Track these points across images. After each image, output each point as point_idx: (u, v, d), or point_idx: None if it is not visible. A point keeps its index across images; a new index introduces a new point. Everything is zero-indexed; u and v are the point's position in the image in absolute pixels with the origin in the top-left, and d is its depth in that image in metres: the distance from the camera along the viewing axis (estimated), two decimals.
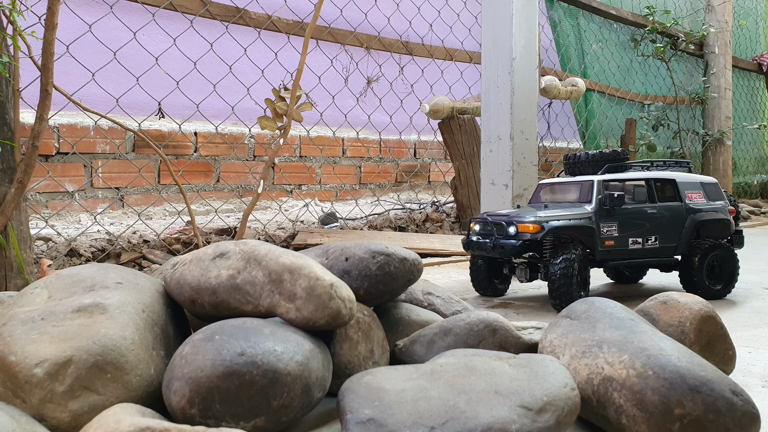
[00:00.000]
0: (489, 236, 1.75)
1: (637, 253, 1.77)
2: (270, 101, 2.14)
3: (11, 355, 0.78)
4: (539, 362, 0.86)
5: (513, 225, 1.67)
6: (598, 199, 1.73)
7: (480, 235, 1.79)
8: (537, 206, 1.84)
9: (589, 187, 1.76)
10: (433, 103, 3.47)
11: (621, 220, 1.73)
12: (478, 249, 1.78)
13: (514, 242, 1.66)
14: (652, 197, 1.80)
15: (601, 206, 1.72)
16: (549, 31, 4.47)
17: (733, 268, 1.84)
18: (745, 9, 6.54)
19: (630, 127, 4.73)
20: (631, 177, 1.81)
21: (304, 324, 0.89)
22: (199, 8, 2.84)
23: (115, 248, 2.45)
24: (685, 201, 1.84)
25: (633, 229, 1.75)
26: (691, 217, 1.82)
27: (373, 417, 0.74)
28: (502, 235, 1.70)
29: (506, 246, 1.67)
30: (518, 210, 1.82)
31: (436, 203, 4.06)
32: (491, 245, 1.71)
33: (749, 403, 0.78)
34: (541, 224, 1.64)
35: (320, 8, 2.18)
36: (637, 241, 1.76)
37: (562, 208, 1.73)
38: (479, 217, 1.82)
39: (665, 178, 1.85)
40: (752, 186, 6.61)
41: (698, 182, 1.90)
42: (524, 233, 1.65)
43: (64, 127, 2.99)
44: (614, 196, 1.71)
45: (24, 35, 1.51)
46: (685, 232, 1.81)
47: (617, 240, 1.73)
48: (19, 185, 1.51)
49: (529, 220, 1.65)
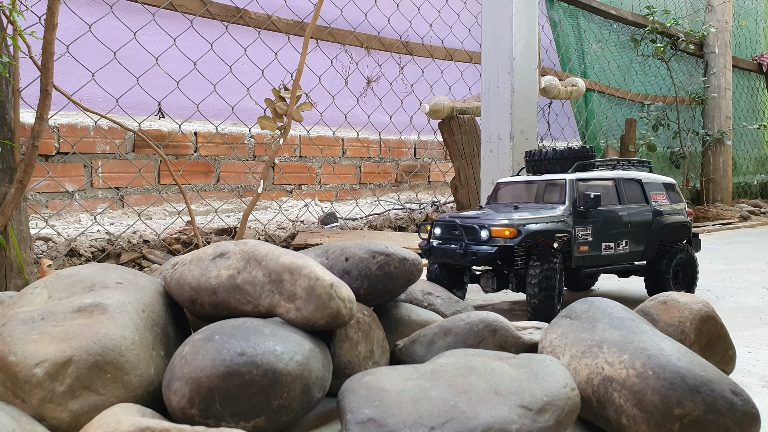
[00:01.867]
0: (455, 241, 1.53)
1: (610, 259, 1.63)
2: (270, 101, 2.14)
3: (11, 355, 0.78)
4: (539, 362, 0.86)
5: (486, 229, 1.47)
6: (572, 199, 1.57)
7: (443, 240, 1.58)
8: (504, 207, 1.67)
9: (561, 186, 1.60)
10: (433, 103, 3.47)
11: (595, 224, 1.58)
12: (442, 256, 1.56)
13: (487, 249, 1.45)
14: (621, 198, 1.67)
15: (574, 208, 1.56)
16: (549, 31, 4.47)
17: (694, 272, 1.77)
18: (745, 9, 6.54)
19: (630, 127, 4.73)
20: (602, 176, 1.67)
21: (304, 324, 0.89)
22: (199, 8, 2.84)
23: (115, 248, 2.45)
24: (651, 203, 1.73)
25: (606, 233, 1.61)
26: (657, 220, 1.71)
27: (373, 417, 0.74)
28: (473, 240, 1.49)
29: (479, 253, 1.46)
30: (485, 212, 1.61)
31: (436, 203, 4.06)
32: (461, 252, 1.49)
33: (749, 403, 0.78)
34: (517, 228, 1.45)
35: (320, 8, 2.18)
36: (610, 246, 1.62)
37: (533, 210, 1.56)
38: (441, 219, 1.60)
39: (632, 178, 1.73)
40: (752, 186, 6.61)
41: (661, 183, 1.80)
42: (498, 238, 1.45)
43: (64, 127, 2.99)
44: (591, 197, 1.54)
45: (24, 35, 1.51)
46: (653, 235, 1.70)
47: (591, 245, 1.58)
48: (19, 185, 1.51)
49: (503, 224, 1.46)
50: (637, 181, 1.74)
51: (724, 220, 4.65)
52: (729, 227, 4.32)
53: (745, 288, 2.00)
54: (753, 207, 5.33)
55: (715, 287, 2.03)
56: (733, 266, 2.48)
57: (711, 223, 4.53)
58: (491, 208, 1.71)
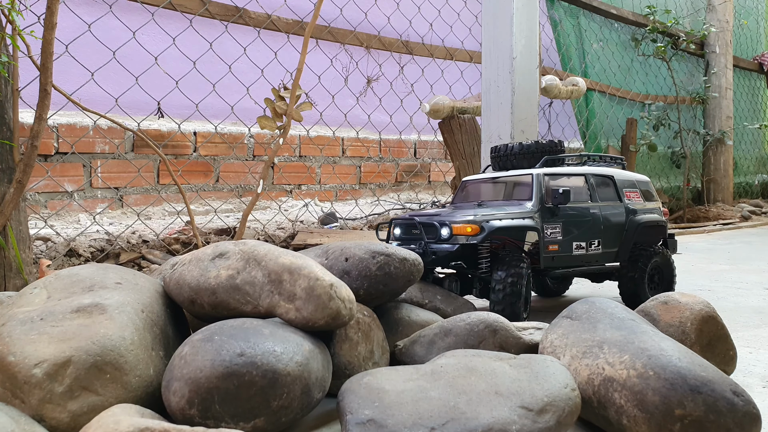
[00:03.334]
0: (415, 241, 1.44)
1: (581, 260, 1.54)
2: (270, 101, 2.14)
3: (10, 355, 0.78)
4: (540, 363, 0.86)
5: (446, 226, 1.37)
6: (540, 195, 1.47)
7: (402, 240, 1.48)
8: (468, 205, 1.58)
9: (529, 181, 1.51)
10: (434, 103, 3.46)
11: (565, 221, 1.49)
12: None
13: (448, 247, 1.37)
14: (592, 196, 1.58)
15: (542, 204, 1.47)
16: (549, 30, 4.46)
17: (671, 276, 1.69)
18: (745, 8, 6.53)
19: (631, 127, 4.73)
20: (572, 172, 1.58)
21: (303, 324, 0.89)
22: (198, 8, 2.83)
23: (114, 248, 2.45)
24: (624, 201, 1.64)
25: (576, 231, 1.52)
26: (631, 219, 1.62)
27: (373, 418, 0.73)
28: (433, 239, 1.40)
29: (438, 252, 1.37)
30: (447, 210, 1.53)
31: (437, 203, 4.06)
32: (420, 251, 1.40)
33: (750, 404, 0.78)
34: (479, 224, 1.36)
35: (320, 8, 2.18)
36: (581, 245, 1.52)
37: (498, 207, 1.47)
38: (401, 217, 1.51)
39: (605, 174, 1.64)
40: (753, 186, 6.61)
41: (634, 180, 1.72)
42: (460, 236, 1.36)
43: (64, 126, 2.98)
44: (560, 192, 1.45)
45: (23, 35, 1.50)
46: (626, 236, 1.61)
47: (561, 244, 1.48)
48: (18, 185, 1.51)
49: (465, 220, 1.37)
50: (609, 177, 1.65)
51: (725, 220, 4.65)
52: (730, 227, 4.32)
53: (746, 288, 2.00)
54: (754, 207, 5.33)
55: (716, 287, 2.03)
56: (734, 266, 2.48)
57: (712, 223, 4.52)
58: (455, 206, 1.62)
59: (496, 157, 1.70)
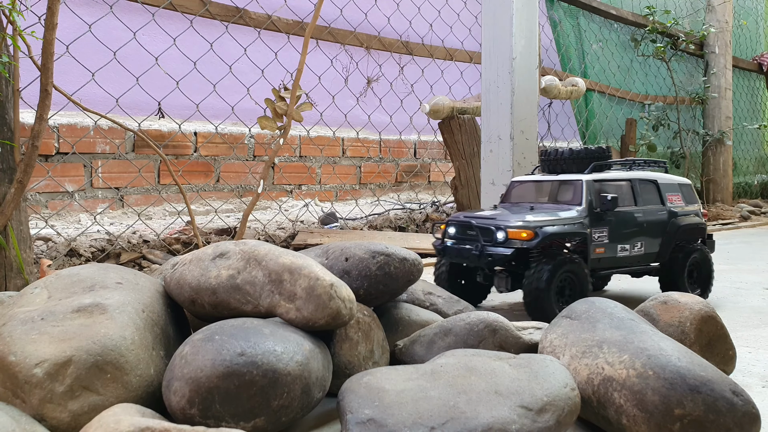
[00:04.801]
0: (469, 241, 1.52)
1: (625, 261, 1.62)
2: (270, 101, 2.14)
3: (11, 355, 0.78)
4: (539, 362, 0.86)
5: (502, 230, 1.46)
6: (589, 201, 1.55)
7: (456, 240, 1.57)
8: (520, 207, 1.65)
9: (578, 187, 1.58)
10: (433, 103, 3.47)
11: (611, 225, 1.57)
12: (457, 256, 1.56)
13: (504, 251, 1.44)
14: (636, 200, 1.66)
15: (591, 209, 1.55)
16: (549, 30, 4.47)
17: (709, 271, 1.76)
18: (745, 9, 6.53)
19: (630, 127, 4.73)
20: (618, 177, 1.66)
21: (304, 324, 0.89)
22: (199, 8, 2.83)
23: (115, 248, 2.45)
24: (666, 204, 1.72)
25: (621, 234, 1.60)
26: (672, 222, 1.69)
27: (373, 417, 0.74)
28: (489, 241, 1.48)
29: (495, 256, 1.45)
30: (500, 212, 1.60)
31: (436, 203, 4.06)
32: (476, 253, 1.48)
33: (749, 404, 0.78)
34: (534, 230, 1.44)
35: (320, 8, 2.18)
36: (625, 247, 1.61)
37: (550, 212, 1.54)
38: (455, 218, 1.59)
39: (648, 179, 1.72)
40: (752, 186, 6.61)
41: (677, 184, 1.79)
42: (515, 240, 1.44)
43: (64, 127, 2.99)
44: (608, 199, 1.53)
45: (24, 35, 1.51)
46: (668, 237, 1.69)
47: (607, 247, 1.57)
48: (18, 185, 1.51)
49: (520, 225, 1.45)
50: (652, 181, 1.72)
51: (724, 220, 4.65)
52: (729, 227, 4.32)
53: (746, 288, 2.00)
54: (753, 207, 5.33)
55: (715, 287, 2.03)
56: (734, 266, 2.48)
57: (711, 223, 4.52)
58: (505, 207, 1.69)
59: (546, 161, 1.77)
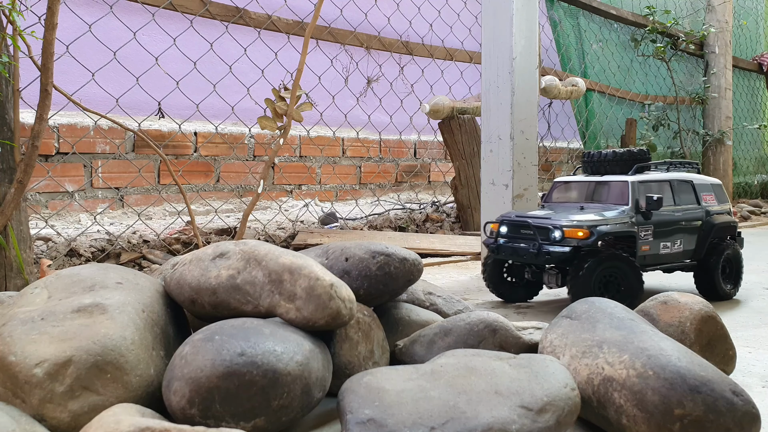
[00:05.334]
0: (524, 240, 1.60)
1: (666, 258, 1.71)
2: (270, 101, 2.14)
3: (11, 355, 0.78)
4: (539, 362, 0.86)
5: (558, 229, 1.54)
6: (635, 201, 1.64)
7: (509, 238, 1.65)
8: (569, 207, 1.74)
9: (625, 188, 1.67)
10: (433, 103, 3.47)
11: (655, 224, 1.66)
12: (512, 254, 1.64)
13: (562, 249, 1.52)
14: (675, 199, 1.76)
15: (638, 209, 1.63)
16: (549, 30, 4.47)
17: (739, 267, 1.85)
18: (745, 9, 6.53)
19: (630, 127, 4.73)
20: (659, 178, 1.75)
21: (304, 324, 0.89)
22: (199, 8, 2.84)
23: (115, 248, 2.45)
24: (702, 203, 1.81)
25: (663, 232, 1.68)
26: (707, 221, 1.78)
27: (373, 417, 0.74)
28: (546, 240, 1.55)
29: (553, 253, 1.52)
30: (551, 211, 1.69)
31: (436, 203, 4.06)
32: (534, 251, 1.56)
33: (749, 404, 0.78)
34: (589, 229, 1.52)
35: (320, 8, 2.18)
36: (667, 245, 1.70)
37: (599, 211, 1.61)
38: (506, 217, 1.69)
39: (686, 179, 1.81)
40: (752, 186, 6.61)
41: (710, 184, 1.88)
42: (571, 238, 1.52)
43: (64, 127, 2.99)
44: (654, 200, 1.61)
45: (24, 35, 1.51)
46: (703, 235, 1.77)
47: (651, 245, 1.66)
48: (18, 185, 1.51)
49: (575, 224, 1.53)
50: (688, 182, 1.81)
51: None
52: None
53: (746, 288, 2.00)
54: (753, 207, 5.33)
55: None
56: None
57: None
58: (552, 207, 1.79)
59: (589, 162, 1.86)
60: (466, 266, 2.59)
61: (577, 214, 1.59)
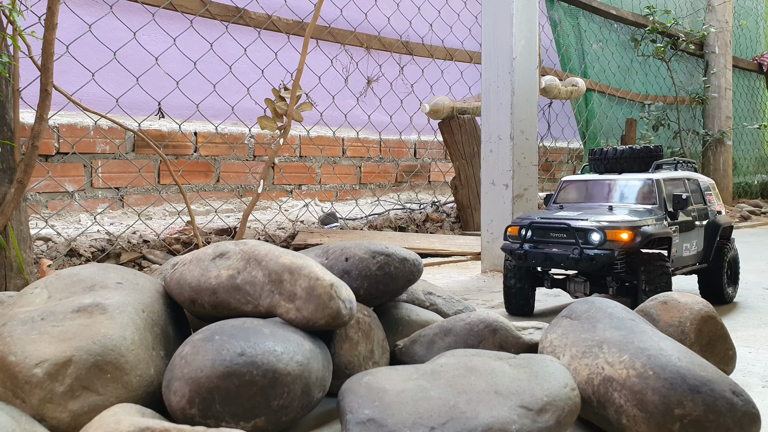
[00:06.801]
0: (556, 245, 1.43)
1: (686, 261, 1.59)
2: (270, 101, 2.14)
3: (11, 355, 0.78)
4: (539, 362, 0.86)
5: (598, 232, 1.37)
6: (663, 200, 1.52)
7: (536, 244, 1.47)
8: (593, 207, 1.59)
9: (651, 186, 1.54)
10: (433, 103, 3.47)
11: (680, 225, 1.53)
12: (544, 261, 1.44)
13: (607, 252, 1.36)
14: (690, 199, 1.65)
15: (665, 209, 1.51)
16: (549, 30, 4.47)
17: (737, 269, 1.80)
18: (745, 9, 6.53)
19: (630, 127, 4.73)
20: (677, 177, 1.64)
21: (304, 324, 0.89)
22: (199, 8, 2.84)
23: (115, 248, 2.45)
24: (707, 203, 1.73)
25: (686, 234, 1.57)
26: (713, 221, 1.70)
27: (373, 417, 0.74)
28: (585, 244, 1.39)
29: (598, 258, 1.35)
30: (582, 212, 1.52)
31: (437, 203, 4.06)
32: (575, 257, 1.38)
33: (749, 404, 0.78)
34: (634, 231, 1.36)
35: (320, 8, 2.18)
36: (688, 247, 1.58)
37: (633, 212, 1.48)
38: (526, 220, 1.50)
39: (693, 178, 1.73)
40: (752, 186, 6.61)
41: (708, 184, 1.81)
42: (616, 241, 1.36)
43: (64, 127, 2.99)
44: (682, 198, 1.48)
45: (24, 35, 1.51)
46: (711, 235, 1.69)
47: (678, 246, 1.53)
48: (18, 185, 1.51)
49: (618, 226, 1.37)
50: (695, 181, 1.73)
51: None
52: None
53: (746, 288, 2.00)
54: (753, 207, 5.33)
55: None
56: None
57: None
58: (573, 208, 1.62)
59: (602, 160, 1.73)
60: (466, 266, 2.59)
61: (609, 215, 1.44)
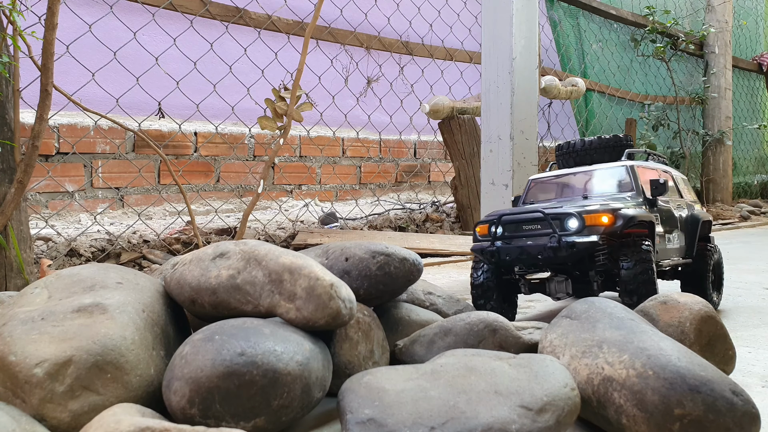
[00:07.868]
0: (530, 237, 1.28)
1: (669, 254, 1.46)
2: (270, 101, 2.14)
3: (11, 355, 0.78)
4: (539, 362, 0.86)
5: (575, 217, 1.22)
6: (640, 187, 1.40)
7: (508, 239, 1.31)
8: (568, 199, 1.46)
9: (624, 174, 1.42)
10: (433, 103, 3.47)
11: (659, 213, 1.40)
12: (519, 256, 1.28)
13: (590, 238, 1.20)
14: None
15: (644, 196, 1.39)
16: (549, 31, 4.47)
17: (721, 273, 1.67)
18: (745, 9, 6.54)
19: (630, 127, 4.73)
20: (651, 166, 1.53)
21: (304, 324, 0.89)
22: (199, 8, 2.84)
23: (115, 248, 2.45)
24: (684, 197, 1.63)
25: (666, 224, 1.43)
26: (693, 215, 1.59)
27: (373, 417, 0.74)
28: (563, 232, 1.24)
29: (580, 245, 1.20)
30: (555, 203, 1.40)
31: (436, 203, 4.06)
32: (554, 245, 1.22)
33: (749, 403, 0.78)
34: (614, 214, 1.23)
35: (320, 8, 2.18)
36: (670, 238, 1.45)
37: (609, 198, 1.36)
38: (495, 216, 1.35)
39: (667, 171, 1.63)
40: (752, 186, 6.61)
41: (682, 178, 1.70)
42: (596, 226, 1.21)
43: (64, 127, 2.99)
44: (660, 183, 1.35)
45: (24, 35, 1.51)
46: (692, 230, 1.56)
47: (660, 237, 1.39)
48: (19, 185, 1.51)
49: (596, 209, 1.24)
50: (668, 173, 1.63)
51: (724, 220, 4.65)
52: (729, 227, 4.32)
53: (745, 288, 2.00)
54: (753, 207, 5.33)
55: None
56: (733, 266, 2.48)
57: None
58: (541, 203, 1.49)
59: (570, 153, 1.62)
60: (466, 266, 2.59)
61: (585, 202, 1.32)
